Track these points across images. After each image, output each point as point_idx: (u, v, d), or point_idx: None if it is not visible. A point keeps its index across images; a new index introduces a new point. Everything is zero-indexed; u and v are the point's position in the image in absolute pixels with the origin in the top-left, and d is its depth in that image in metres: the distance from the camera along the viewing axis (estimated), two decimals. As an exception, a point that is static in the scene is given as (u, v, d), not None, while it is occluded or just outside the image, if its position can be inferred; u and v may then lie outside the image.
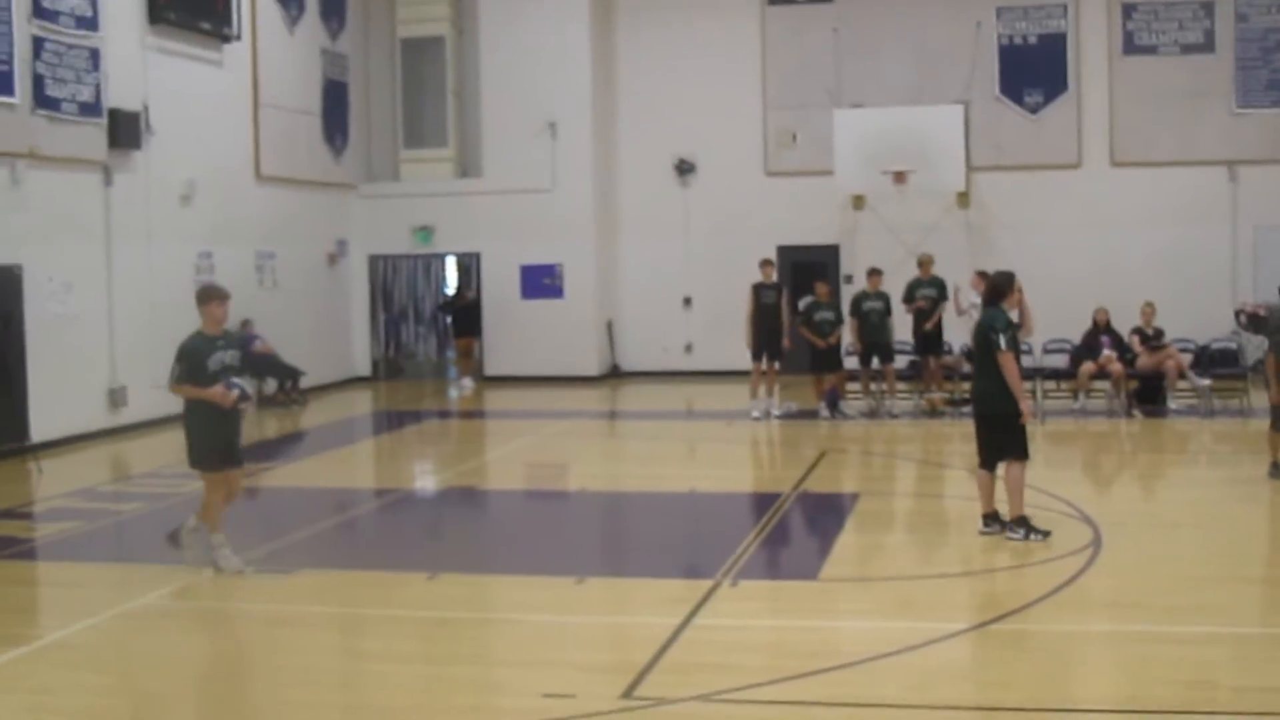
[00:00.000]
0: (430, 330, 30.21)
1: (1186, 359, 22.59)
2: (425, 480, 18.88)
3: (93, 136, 20.77)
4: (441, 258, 30.06)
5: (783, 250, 27.22)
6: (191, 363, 11.83)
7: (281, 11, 26.22)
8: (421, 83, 29.57)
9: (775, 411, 22.36)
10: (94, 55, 20.72)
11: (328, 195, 28.25)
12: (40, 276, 19.66)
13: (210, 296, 12.12)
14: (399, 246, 29.48)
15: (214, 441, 11.98)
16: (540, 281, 28.66)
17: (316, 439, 22.35)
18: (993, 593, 11.41)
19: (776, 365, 22.57)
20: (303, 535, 13.97)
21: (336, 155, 28.44)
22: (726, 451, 20.07)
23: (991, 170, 27.28)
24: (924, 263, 23.30)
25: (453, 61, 29.35)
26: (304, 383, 25.58)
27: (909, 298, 23.01)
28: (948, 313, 22.87)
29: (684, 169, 29.11)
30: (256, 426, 23.04)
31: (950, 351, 23.23)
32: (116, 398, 21.00)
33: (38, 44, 19.58)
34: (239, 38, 24.54)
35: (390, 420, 24.94)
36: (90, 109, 20.61)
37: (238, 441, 12.32)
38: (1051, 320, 22.60)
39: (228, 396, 11.82)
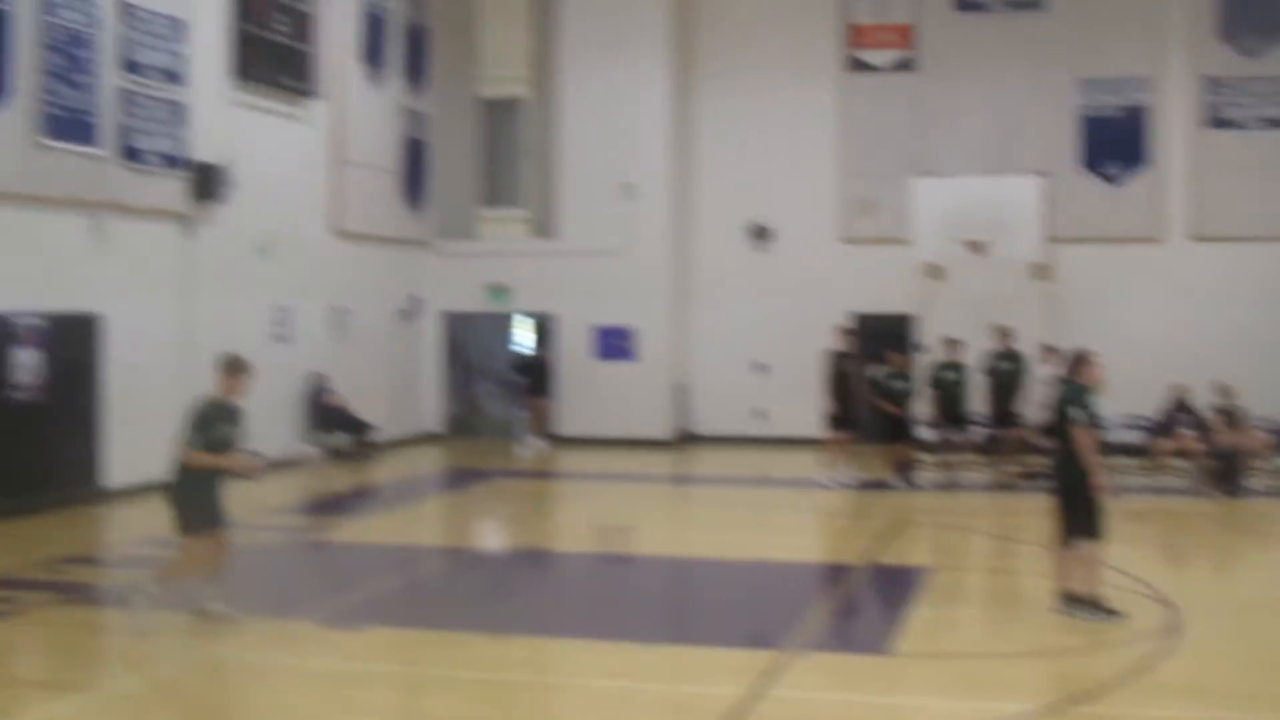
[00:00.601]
0: (502, 389, 30.23)
1: (1266, 439, 22.27)
2: (493, 540, 18.84)
3: (175, 189, 21.00)
4: (515, 317, 30.12)
5: (858, 318, 27.04)
6: (212, 432, 11.89)
7: (365, 69, 26.44)
8: (500, 142, 29.73)
9: (847, 481, 22.19)
10: (179, 109, 20.97)
11: (404, 252, 28.40)
12: (120, 325, 19.81)
13: (243, 369, 12.24)
14: (473, 304, 29.57)
15: (214, 505, 12.12)
16: (614, 343, 28.66)
17: (386, 495, 22.37)
18: (1065, 674, 11.21)
19: (850, 434, 22.43)
20: (370, 592, 13.95)
21: (414, 212, 28.61)
22: (797, 520, 19.93)
23: (1070, 242, 27.03)
24: (1002, 334, 23.11)
25: (532, 122, 29.50)
26: (375, 438, 25.64)
27: (986, 369, 22.82)
28: (1024, 386, 22.67)
29: (760, 234, 29.08)
30: (325, 480, 23.12)
31: (1025, 425, 22.96)
32: (189, 448, 21.05)
33: (125, 97, 19.83)
34: (322, 94, 24.79)
35: (460, 478, 24.93)
36: (174, 161, 20.85)
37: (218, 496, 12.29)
38: (1129, 396, 22.34)
39: (255, 465, 12.07)
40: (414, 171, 28.42)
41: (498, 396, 30.20)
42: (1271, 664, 11.23)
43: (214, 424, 11.88)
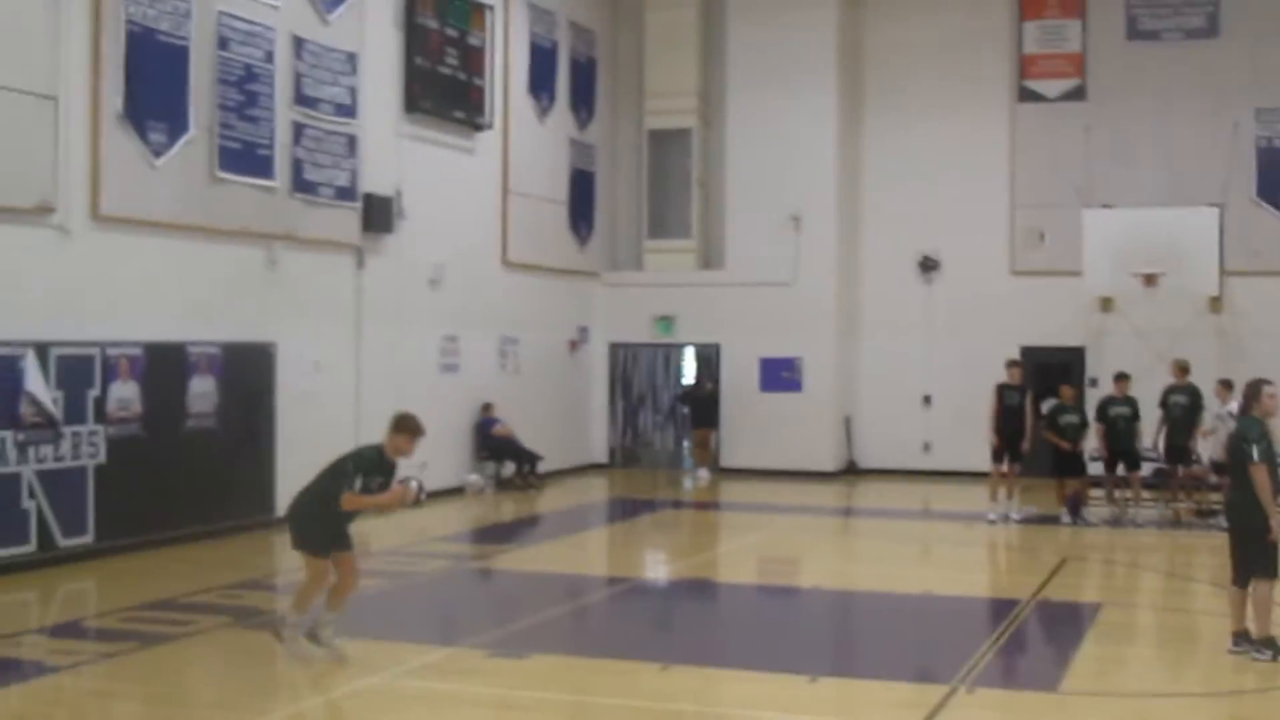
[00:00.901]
0: (668, 420, 30.33)
1: None
2: (658, 570, 18.88)
3: (347, 220, 21.38)
4: (681, 348, 30.20)
5: (1027, 351, 26.74)
6: (368, 481, 11.56)
7: (533, 102, 26.76)
8: (667, 174, 29.83)
9: (1015, 515, 21.90)
10: (351, 141, 21.36)
11: (571, 282, 28.61)
12: (292, 354, 20.18)
13: (414, 430, 11.76)
14: (640, 335, 29.70)
15: (339, 529, 11.80)
16: (779, 375, 28.59)
17: (552, 524, 22.53)
18: (1238, 716, 10.97)
19: (1017, 467, 22.15)
20: (536, 620, 14.04)
21: (581, 243, 28.84)
22: (963, 554, 19.72)
23: (1246, 275, 26.49)
24: (1179, 368, 22.65)
25: (699, 153, 29.58)
26: (542, 467, 25.81)
27: (1161, 403, 22.38)
28: (1200, 421, 22.18)
29: (928, 266, 28.88)
30: (494, 509, 23.33)
31: (1199, 461, 22.50)
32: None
33: (298, 130, 20.27)
34: (491, 126, 25.10)
35: (625, 508, 25.02)
36: (346, 193, 21.23)
37: (348, 526, 11.95)
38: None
39: (408, 493, 11.63)
40: (581, 203, 28.66)
41: (664, 427, 30.30)
42: None
43: (372, 474, 11.61)
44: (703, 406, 28.58)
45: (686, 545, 20.93)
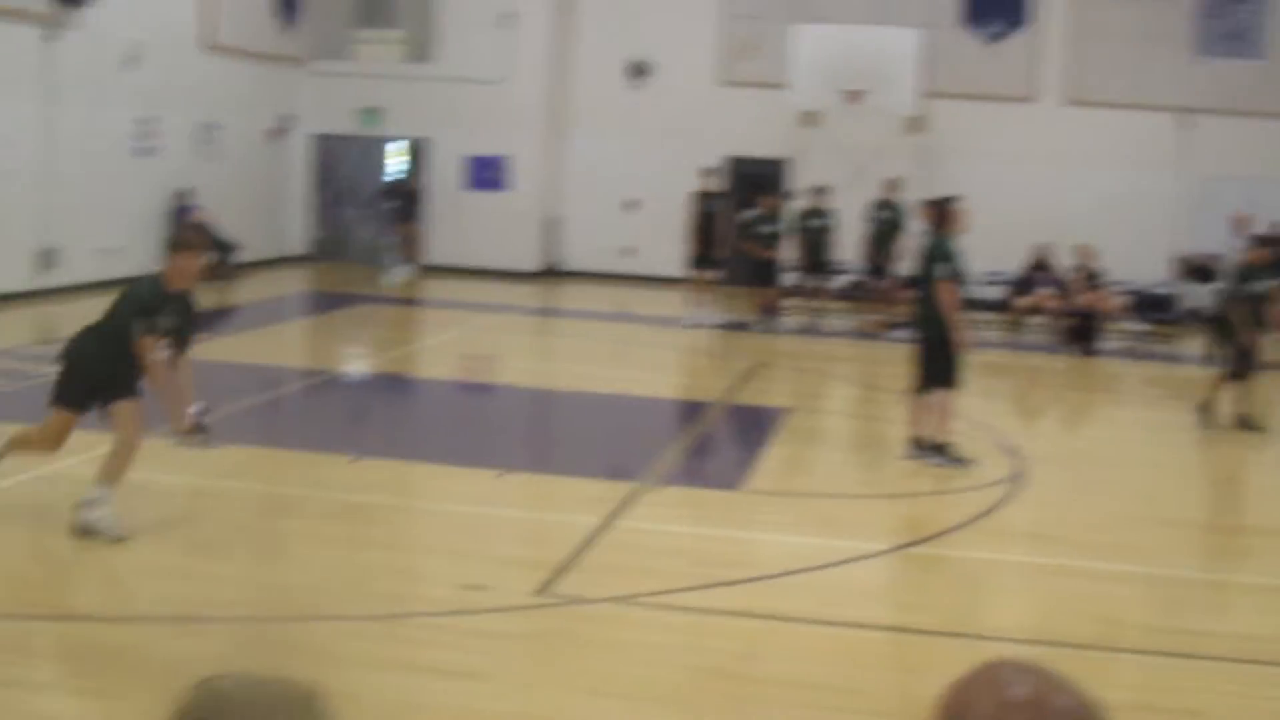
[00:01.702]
0: (370, 214, 29.93)
1: (1122, 301, 22.67)
2: (353, 364, 18.79)
3: (38, -10, 20.38)
4: (387, 141, 29.74)
5: (732, 161, 27.04)
6: (156, 321, 9.59)
7: (240, -123, 25.74)
8: (379, -38, 29.12)
9: (710, 321, 22.34)
10: (45, -94, 20.28)
11: (275, 69, 27.82)
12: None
13: (196, 245, 9.96)
14: (344, 127, 29.12)
15: (94, 379, 9.84)
16: (485, 173, 28.41)
17: (247, 315, 22.17)
18: (912, 516, 11.47)
19: (716, 274, 22.54)
20: (228, 411, 13.84)
21: (286, 29, 28.00)
22: (658, 357, 20.04)
23: (945, 97, 27.07)
24: (889, 185, 23.25)
25: (412, -57, 28.91)
26: (238, 258, 25.27)
27: (866, 217, 22.99)
28: (900, 237, 22.85)
29: (639, 71, 28.85)
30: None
31: (896, 275, 23.19)
32: (48, 259, 20.69)
33: (-13, -110, 19.15)
34: (195, -100, 24.08)
35: (323, 302, 24.77)
36: (37, -39, 20.20)
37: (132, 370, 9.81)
38: (992, 252, 22.65)
39: (186, 424, 10.06)
40: (288, -13, 27.80)
41: (366, 221, 29.91)
42: (1107, 514, 11.53)
43: (156, 313, 9.64)
44: (407, 201, 28.26)
45: (384, 340, 20.87)
